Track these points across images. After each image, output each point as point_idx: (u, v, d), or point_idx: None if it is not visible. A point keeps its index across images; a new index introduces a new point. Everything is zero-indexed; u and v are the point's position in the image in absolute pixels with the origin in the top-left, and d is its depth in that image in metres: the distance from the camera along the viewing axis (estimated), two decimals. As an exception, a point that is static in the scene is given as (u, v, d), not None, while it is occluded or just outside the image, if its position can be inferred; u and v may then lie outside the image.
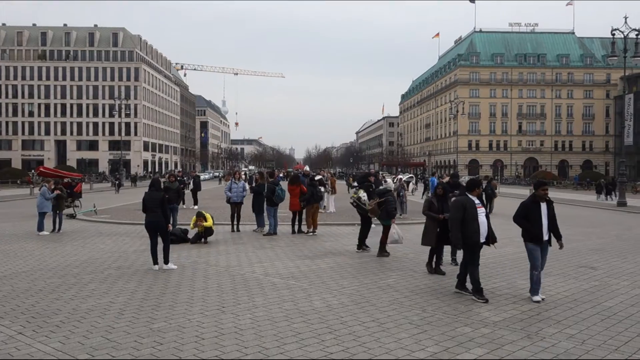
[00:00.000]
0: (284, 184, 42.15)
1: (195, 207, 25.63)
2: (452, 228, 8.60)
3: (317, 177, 23.32)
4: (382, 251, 12.78)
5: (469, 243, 8.52)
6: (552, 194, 50.66)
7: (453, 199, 8.93)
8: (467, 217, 8.51)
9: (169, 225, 11.32)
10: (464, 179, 25.37)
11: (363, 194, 13.05)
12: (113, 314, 7.81)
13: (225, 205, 24.82)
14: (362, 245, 13.50)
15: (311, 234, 16.73)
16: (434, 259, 10.75)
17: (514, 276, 10.64)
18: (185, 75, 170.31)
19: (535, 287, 8.59)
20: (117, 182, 49.90)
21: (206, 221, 15.07)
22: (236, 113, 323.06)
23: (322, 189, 25.69)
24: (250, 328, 7.14)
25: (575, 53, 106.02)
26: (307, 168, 20.27)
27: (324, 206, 25.74)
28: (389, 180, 13.58)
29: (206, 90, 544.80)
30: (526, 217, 8.41)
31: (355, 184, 19.43)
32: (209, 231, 15.05)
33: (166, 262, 11.30)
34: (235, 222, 17.64)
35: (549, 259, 12.88)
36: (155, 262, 11.27)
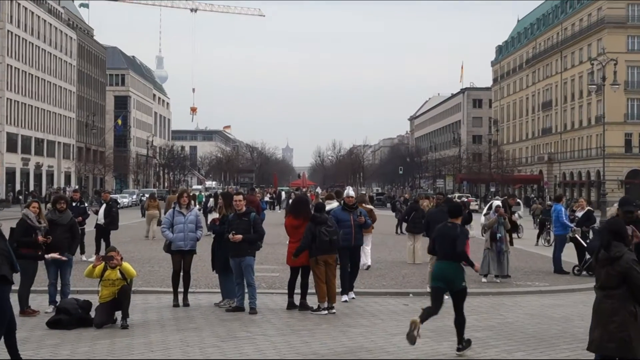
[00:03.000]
0: (273, 217, 42.04)
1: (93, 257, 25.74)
2: None
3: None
4: None
5: None
6: None
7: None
8: None
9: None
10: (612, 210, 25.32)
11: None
12: None
13: (162, 256, 24.82)
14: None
15: (325, 312, 16.72)
16: None
17: None
18: (83, 6, 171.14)
19: None
20: None
21: (121, 273, 15.13)
22: (193, 90, 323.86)
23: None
24: None
25: None
26: (350, 192, 20.14)
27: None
28: None
29: (127, 38, 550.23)
30: None
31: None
32: (125, 295, 15.08)
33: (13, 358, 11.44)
34: (181, 289, 17.72)
35: None
36: None
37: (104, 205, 28.70)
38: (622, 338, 9.11)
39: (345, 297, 18.28)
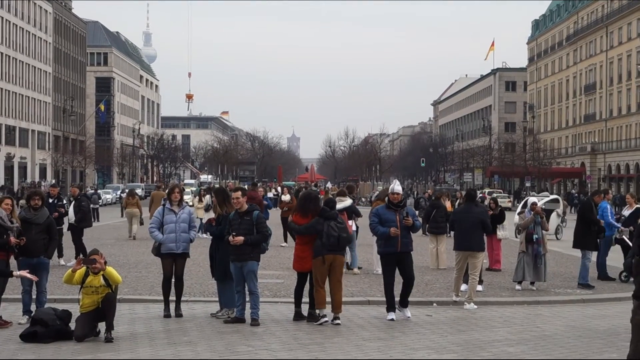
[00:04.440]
0: (276, 215, 42.02)
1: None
2: None
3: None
4: None
5: None
6: None
7: None
8: None
9: None
10: None
11: None
12: None
13: (150, 260, 24.85)
14: None
15: (324, 319, 16.80)
16: None
17: None
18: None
19: None
20: None
21: (105, 279, 15.11)
22: (189, 74, 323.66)
23: (353, 223, 25.60)
24: None
25: None
26: (397, 187, 19.13)
27: (349, 262, 25.64)
28: None
29: (110, 11, 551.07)
30: None
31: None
32: (109, 304, 15.11)
33: None
34: (173, 298, 17.79)
35: None
36: None
37: (72, 202, 28.51)
38: None
39: (392, 315, 17.56)
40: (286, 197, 37.78)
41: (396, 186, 18.51)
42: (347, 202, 25.34)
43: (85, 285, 15.25)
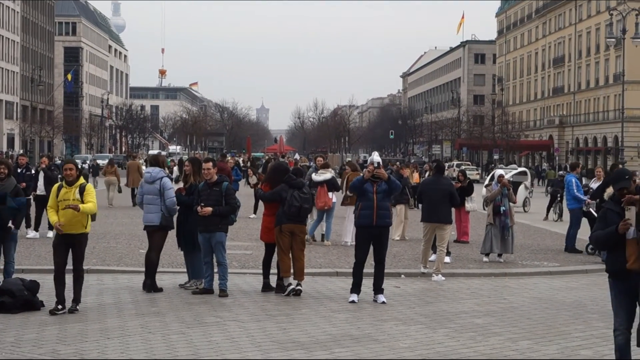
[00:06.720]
0: (245, 187, 42.09)
1: (51, 233, 25.55)
2: None
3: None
4: None
5: None
6: None
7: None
8: None
9: None
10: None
11: None
12: None
13: (118, 231, 24.81)
14: None
15: (292, 288, 16.80)
16: None
17: None
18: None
19: None
20: None
21: (79, 188, 14.85)
22: (162, 50, 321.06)
23: (333, 196, 25.68)
24: None
25: None
26: (375, 157, 18.18)
27: (320, 234, 25.81)
28: None
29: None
30: None
31: None
32: (77, 275, 15.06)
33: None
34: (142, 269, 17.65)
35: None
36: None
37: (41, 173, 26.81)
38: None
39: (354, 297, 16.66)
40: (253, 180, 37.52)
41: (375, 157, 18.10)
42: (328, 174, 25.35)
43: (60, 199, 14.92)
